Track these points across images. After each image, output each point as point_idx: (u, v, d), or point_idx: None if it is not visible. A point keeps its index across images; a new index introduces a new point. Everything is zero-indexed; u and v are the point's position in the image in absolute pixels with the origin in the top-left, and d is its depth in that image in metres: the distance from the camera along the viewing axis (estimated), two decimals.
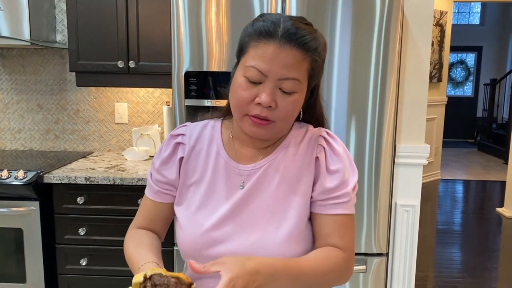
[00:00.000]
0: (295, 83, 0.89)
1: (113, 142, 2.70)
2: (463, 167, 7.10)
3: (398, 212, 2.01)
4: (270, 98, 0.87)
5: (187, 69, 1.87)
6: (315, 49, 0.90)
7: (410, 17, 1.95)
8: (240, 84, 0.89)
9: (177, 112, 1.91)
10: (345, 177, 0.94)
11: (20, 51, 2.63)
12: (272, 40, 0.87)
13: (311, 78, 0.93)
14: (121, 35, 2.25)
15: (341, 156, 0.95)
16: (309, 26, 0.92)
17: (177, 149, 1.01)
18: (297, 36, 0.87)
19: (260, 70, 0.87)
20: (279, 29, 0.87)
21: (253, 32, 0.89)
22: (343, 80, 1.84)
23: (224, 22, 1.84)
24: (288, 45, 0.86)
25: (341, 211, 0.93)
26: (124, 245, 1.01)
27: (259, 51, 0.87)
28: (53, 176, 2.09)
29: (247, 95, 0.88)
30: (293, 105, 0.91)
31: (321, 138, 0.98)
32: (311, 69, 0.91)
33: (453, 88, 9.90)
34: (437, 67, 5.60)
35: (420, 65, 1.98)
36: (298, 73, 0.89)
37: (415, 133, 2.02)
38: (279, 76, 0.87)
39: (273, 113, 0.89)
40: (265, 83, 0.88)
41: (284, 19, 0.89)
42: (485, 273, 3.35)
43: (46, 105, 2.68)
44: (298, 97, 0.91)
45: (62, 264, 2.17)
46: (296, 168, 0.96)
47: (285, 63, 0.86)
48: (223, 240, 0.92)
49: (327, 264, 0.90)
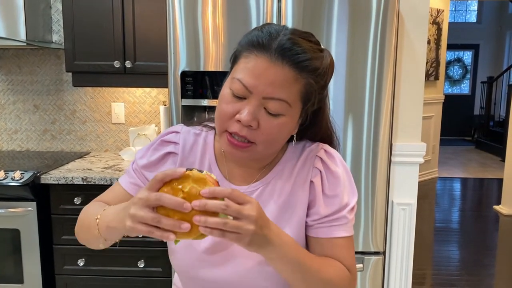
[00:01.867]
0: (281, 105, 0.79)
1: (110, 142, 2.70)
2: (460, 165, 7.12)
3: (395, 211, 2.02)
4: (251, 116, 0.78)
5: (183, 69, 1.87)
6: (313, 70, 0.80)
7: (406, 16, 1.96)
8: (224, 96, 0.82)
9: (174, 112, 1.91)
10: (343, 202, 0.87)
11: (16, 51, 2.63)
12: (264, 53, 0.78)
13: (306, 102, 0.83)
14: (117, 35, 2.24)
15: (339, 179, 0.88)
16: (313, 44, 0.82)
17: (167, 159, 0.94)
18: (292, 52, 0.78)
19: (245, 85, 0.78)
20: (274, 42, 0.78)
21: (247, 41, 0.81)
22: (340, 78, 1.84)
23: (221, 21, 1.84)
24: (280, 61, 0.77)
25: (340, 233, 0.87)
26: (81, 213, 0.95)
27: (248, 64, 0.79)
28: (50, 177, 2.08)
29: (229, 109, 0.80)
30: (278, 129, 0.81)
31: (317, 159, 0.90)
32: (305, 93, 0.81)
33: (450, 86, 9.92)
34: (434, 65, 5.61)
35: (416, 63, 1.99)
36: (287, 94, 0.79)
37: (412, 132, 2.02)
38: (264, 95, 0.78)
39: (253, 134, 0.80)
40: (249, 99, 0.79)
41: (285, 32, 0.80)
42: (482, 270, 3.36)
43: (42, 105, 2.67)
44: (286, 120, 0.81)
45: (59, 264, 2.17)
46: (291, 192, 0.89)
47: (273, 80, 0.77)
48: (218, 265, 0.88)
49: (331, 270, 0.84)
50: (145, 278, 2.16)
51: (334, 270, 0.84)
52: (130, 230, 0.71)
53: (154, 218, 0.68)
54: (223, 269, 0.88)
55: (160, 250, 2.12)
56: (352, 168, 1.90)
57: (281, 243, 0.76)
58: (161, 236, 0.69)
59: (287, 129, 0.83)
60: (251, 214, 0.69)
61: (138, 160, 0.95)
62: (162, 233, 0.68)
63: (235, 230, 0.68)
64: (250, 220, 0.69)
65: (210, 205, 0.67)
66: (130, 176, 0.96)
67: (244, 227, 0.69)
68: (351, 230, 0.89)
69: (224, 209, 0.67)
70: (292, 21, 1.82)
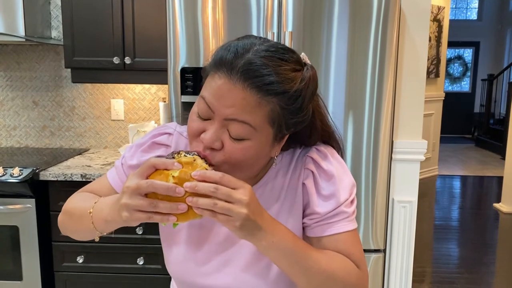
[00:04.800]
0: (244, 128, 0.73)
1: (109, 139, 2.69)
2: (460, 163, 7.12)
3: (396, 208, 2.01)
4: (212, 139, 0.74)
5: (183, 65, 1.86)
6: (281, 94, 0.73)
7: (407, 12, 1.94)
8: (192, 114, 0.78)
9: (173, 108, 1.90)
10: (340, 200, 0.83)
11: (15, 47, 2.61)
12: (227, 73, 0.72)
13: (277, 125, 0.76)
14: (117, 31, 2.23)
15: (333, 177, 0.84)
16: (288, 63, 0.75)
17: None
18: (256, 74, 0.71)
19: (208, 104, 0.74)
20: (239, 62, 0.72)
21: (213, 59, 0.76)
22: (341, 75, 1.83)
23: (221, 17, 1.83)
24: (242, 84, 0.71)
25: (341, 229, 0.82)
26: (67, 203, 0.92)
27: (211, 83, 0.75)
28: (49, 173, 2.07)
29: (195, 127, 0.77)
30: (243, 153, 0.75)
31: (308, 159, 0.86)
32: (273, 117, 0.75)
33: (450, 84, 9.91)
34: (434, 62, 5.59)
35: (418, 60, 1.98)
36: (251, 118, 0.73)
37: (413, 129, 2.01)
38: (225, 116, 0.73)
39: (217, 156, 0.75)
40: (213, 119, 0.75)
41: (256, 50, 0.73)
42: (482, 268, 3.36)
43: (41, 102, 2.66)
44: (251, 145, 0.75)
45: (58, 261, 2.16)
46: (285, 196, 0.86)
47: (233, 103, 0.72)
48: (215, 273, 0.87)
49: (334, 263, 0.79)
50: (144, 276, 2.16)
51: (338, 263, 0.80)
52: (129, 220, 0.70)
53: (151, 203, 0.67)
54: (220, 276, 0.87)
55: (159, 247, 2.10)
56: (353, 165, 1.89)
57: (273, 231, 0.73)
58: (162, 220, 0.68)
59: (255, 154, 0.76)
60: (243, 198, 0.68)
61: (128, 159, 0.92)
62: (162, 216, 0.68)
63: (226, 212, 0.67)
64: (242, 204, 0.68)
65: (200, 187, 0.66)
66: (117, 171, 0.93)
67: (235, 210, 0.67)
68: (353, 223, 0.84)
69: (214, 192, 0.67)
70: (293, 14, 1.81)
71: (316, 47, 1.83)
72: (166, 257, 0.93)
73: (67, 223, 0.90)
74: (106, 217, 0.77)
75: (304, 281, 0.78)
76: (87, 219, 0.81)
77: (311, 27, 1.82)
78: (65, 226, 0.91)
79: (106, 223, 0.78)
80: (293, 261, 0.76)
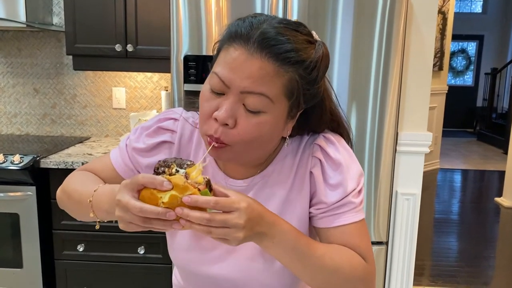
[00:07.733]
0: (262, 100, 0.72)
1: (110, 127, 2.67)
2: (462, 157, 7.10)
3: (399, 201, 2.00)
4: (228, 113, 0.72)
5: (186, 53, 1.83)
6: (298, 63, 0.72)
7: (415, 3, 1.91)
8: (204, 94, 0.76)
9: (176, 97, 1.88)
10: (348, 189, 0.82)
11: (16, 33, 2.58)
12: (243, 44, 0.71)
13: (292, 98, 0.75)
14: (119, 18, 2.20)
15: (341, 166, 0.82)
16: (302, 34, 0.75)
17: (162, 147, 0.89)
18: (274, 42, 0.71)
19: (222, 79, 0.72)
20: (255, 33, 0.71)
21: (227, 33, 0.75)
22: (345, 66, 1.80)
23: (224, 4, 1.80)
24: (259, 53, 0.70)
25: (348, 220, 0.81)
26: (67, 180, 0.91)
27: (226, 56, 0.73)
28: (50, 161, 2.06)
29: (207, 107, 0.75)
30: (258, 129, 0.74)
31: (316, 147, 0.84)
32: (291, 87, 0.74)
33: (453, 77, 9.85)
34: (438, 55, 5.55)
35: (424, 52, 1.95)
36: (268, 88, 0.72)
37: (418, 121, 1.99)
38: (241, 89, 0.72)
39: (229, 134, 0.73)
40: (227, 94, 0.73)
41: (270, 22, 0.73)
42: (482, 262, 3.36)
43: (42, 89, 2.64)
44: (267, 119, 0.74)
45: (59, 249, 2.15)
46: (292, 185, 0.85)
47: (250, 74, 0.71)
48: (219, 261, 0.86)
49: (341, 260, 0.78)
50: (145, 265, 2.15)
51: (343, 257, 0.78)
52: (125, 229, 0.70)
53: (145, 221, 0.67)
54: (224, 265, 0.86)
55: (160, 236, 2.10)
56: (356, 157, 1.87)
57: (273, 233, 0.72)
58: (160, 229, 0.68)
59: (269, 130, 0.75)
60: (239, 223, 0.66)
61: (133, 141, 0.91)
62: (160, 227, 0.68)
63: (223, 237, 0.67)
64: (238, 228, 0.67)
65: (192, 217, 0.65)
66: (121, 153, 0.92)
67: (232, 235, 0.67)
68: (360, 214, 0.83)
69: (208, 222, 0.65)
70: (298, 1, 1.78)
71: (320, 35, 1.78)
72: (170, 244, 0.92)
73: (66, 202, 0.90)
74: (108, 209, 0.76)
75: (308, 277, 0.78)
76: (87, 207, 0.80)
77: (316, 15, 1.79)
78: (63, 204, 0.91)
79: (108, 214, 0.78)
80: (295, 259, 0.75)
